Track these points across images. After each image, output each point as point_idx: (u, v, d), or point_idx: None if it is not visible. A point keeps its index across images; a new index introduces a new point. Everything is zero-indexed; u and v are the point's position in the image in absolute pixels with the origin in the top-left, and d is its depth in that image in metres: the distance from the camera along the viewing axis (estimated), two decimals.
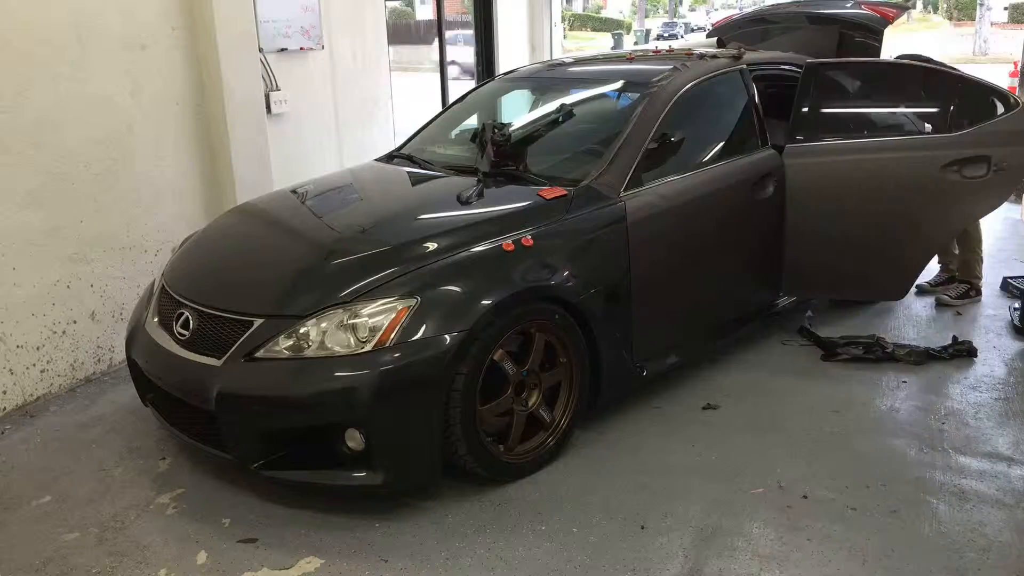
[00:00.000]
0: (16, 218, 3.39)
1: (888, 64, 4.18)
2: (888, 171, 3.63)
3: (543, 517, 2.65)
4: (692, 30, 40.65)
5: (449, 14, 4.82)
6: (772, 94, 3.96)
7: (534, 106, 4.10)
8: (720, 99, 3.75)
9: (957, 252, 4.57)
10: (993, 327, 4.14)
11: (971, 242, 4.50)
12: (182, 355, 2.75)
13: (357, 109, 5.55)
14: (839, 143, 3.73)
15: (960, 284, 4.50)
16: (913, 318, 4.29)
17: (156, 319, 2.99)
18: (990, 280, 4.73)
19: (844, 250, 3.74)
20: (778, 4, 5.38)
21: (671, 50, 4.40)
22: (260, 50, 4.47)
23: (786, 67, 4.05)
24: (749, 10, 5.78)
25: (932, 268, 4.71)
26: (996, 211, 4.41)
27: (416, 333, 2.51)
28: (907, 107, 3.90)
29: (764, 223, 3.69)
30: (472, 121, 4.12)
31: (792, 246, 3.76)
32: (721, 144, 3.66)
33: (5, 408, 3.45)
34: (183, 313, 2.84)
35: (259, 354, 2.58)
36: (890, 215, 3.68)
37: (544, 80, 4.19)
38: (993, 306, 4.42)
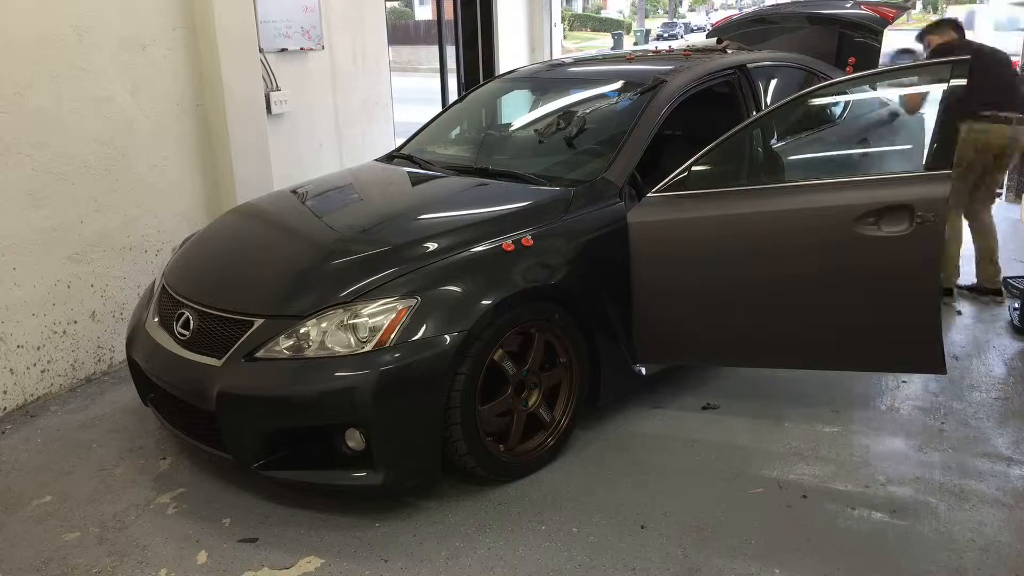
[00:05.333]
0: (16, 218, 3.39)
1: None
2: None
3: (543, 517, 2.65)
4: (692, 30, 40.67)
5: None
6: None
7: (534, 106, 4.10)
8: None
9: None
10: (993, 327, 4.14)
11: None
12: (182, 355, 2.75)
13: (357, 109, 5.55)
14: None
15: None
16: None
17: (156, 319, 3.00)
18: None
19: None
20: (778, 4, 5.39)
21: (671, 50, 4.41)
22: (260, 50, 4.47)
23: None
24: (749, 10, 5.79)
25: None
26: (996, 211, 4.40)
27: (416, 333, 2.52)
28: None
29: None
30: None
31: None
32: None
33: (6, 408, 3.45)
34: (183, 313, 2.84)
35: (259, 354, 2.58)
36: None
37: (544, 80, 4.19)
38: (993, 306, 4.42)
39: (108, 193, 3.76)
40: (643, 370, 3.21)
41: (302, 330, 2.56)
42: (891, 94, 3.55)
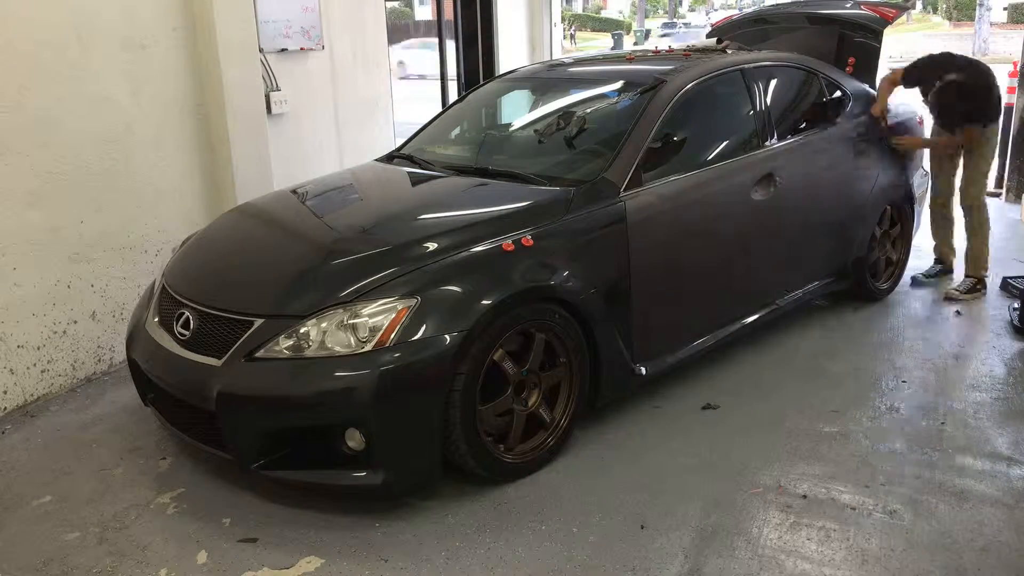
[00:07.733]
0: (16, 218, 3.39)
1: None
2: None
3: (543, 517, 2.65)
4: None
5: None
6: None
7: (534, 106, 4.10)
8: (721, 99, 3.75)
9: (966, 243, 4.63)
10: (993, 327, 4.14)
11: (982, 233, 4.57)
12: (182, 355, 2.75)
13: (357, 109, 5.55)
14: None
15: (968, 278, 4.61)
16: (913, 318, 4.30)
17: (156, 319, 3.00)
18: (990, 280, 4.74)
19: None
20: (778, 4, 5.38)
21: (671, 50, 4.41)
22: (260, 50, 4.46)
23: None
24: (749, 10, 5.79)
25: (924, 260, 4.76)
26: (996, 211, 4.39)
27: (416, 333, 2.52)
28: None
29: (764, 222, 3.69)
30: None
31: None
32: (722, 144, 3.66)
33: (6, 408, 3.45)
34: (183, 313, 2.84)
35: (259, 354, 2.58)
36: None
37: (544, 80, 4.19)
38: (993, 306, 4.42)
39: (108, 193, 3.76)
40: (643, 370, 3.21)
41: (302, 330, 2.56)
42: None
